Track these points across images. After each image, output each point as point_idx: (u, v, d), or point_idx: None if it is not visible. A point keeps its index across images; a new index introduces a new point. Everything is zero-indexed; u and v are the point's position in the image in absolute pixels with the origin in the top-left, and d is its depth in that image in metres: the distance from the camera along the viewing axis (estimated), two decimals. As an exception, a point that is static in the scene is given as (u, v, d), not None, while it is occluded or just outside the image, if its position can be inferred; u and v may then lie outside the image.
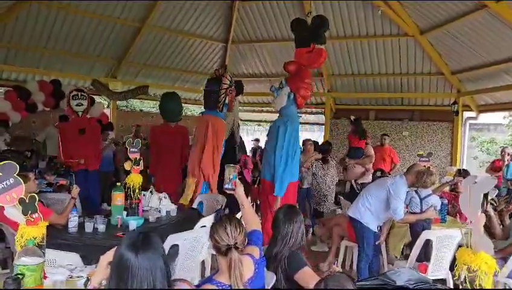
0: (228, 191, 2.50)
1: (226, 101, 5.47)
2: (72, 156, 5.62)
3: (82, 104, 5.74)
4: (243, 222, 2.23)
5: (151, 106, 15.71)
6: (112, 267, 1.56)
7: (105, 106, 10.50)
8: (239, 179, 2.56)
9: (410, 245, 4.57)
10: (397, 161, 8.08)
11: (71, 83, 8.91)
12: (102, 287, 1.69)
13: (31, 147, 7.57)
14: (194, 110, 17.51)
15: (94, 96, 8.04)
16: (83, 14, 7.97)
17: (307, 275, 2.42)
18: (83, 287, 1.73)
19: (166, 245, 3.27)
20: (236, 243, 2.02)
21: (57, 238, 3.23)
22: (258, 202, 6.06)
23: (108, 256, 1.67)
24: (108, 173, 7.28)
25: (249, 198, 4.82)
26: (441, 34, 7.78)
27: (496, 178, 2.55)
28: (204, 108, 5.70)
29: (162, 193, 4.63)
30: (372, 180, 5.69)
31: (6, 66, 8.19)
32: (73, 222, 3.42)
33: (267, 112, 12.27)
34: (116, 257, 1.54)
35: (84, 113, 5.82)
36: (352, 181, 6.34)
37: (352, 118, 7.27)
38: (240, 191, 2.48)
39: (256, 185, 6.66)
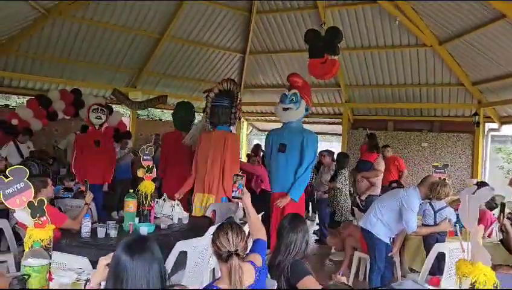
0: (235, 200, 2.53)
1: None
2: (87, 167, 5.80)
3: (100, 118, 6.02)
4: (245, 229, 2.24)
5: (170, 115, 15.94)
6: (109, 269, 1.61)
7: (126, 115, 10.74)
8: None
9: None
10: (403, 167, 7.89)
11: (93, 92, 9.18)
12: (101, 288, 1.74)
13: (53, 154, 7.81)
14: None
15: (113, 105, 8.26)
16: (105, 26, 8.24)
17: (309, 284, 2.42)
18: (82, 288, 1.78)
19: (175, 251, 3.31)
20: (237, 249, 2.03)
21: (70, 242, 3.33)
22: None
23: (107, 258, 1.72)
24: (126, 181, 7.41)
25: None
26: (460, 44, 7.68)
27: (494, 189, 2.50)
28: (213, 122, 5.39)
29: (174, 200, 4.70)
30: (383, 192, 5.63)
31: (31, 76, 8.51)
32: (86, 227, 3.50)
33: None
34: (114, 259, 1.59)
35: (101, 127, 6.09)
36: (357, 198, 6.27)
37: (368, 132, 7.23)
38: (246, 200, 2.50)
39: None
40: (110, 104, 8.37)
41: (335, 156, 7.11)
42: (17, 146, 6.58)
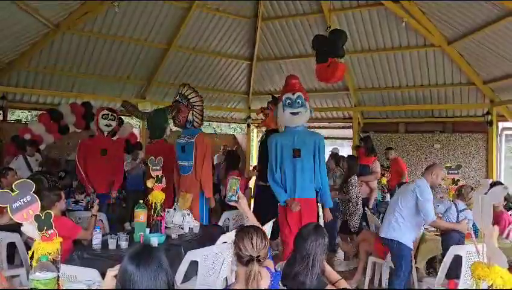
0: (231, 204, 2.50)
1: None
2: (89, 176, 5.47)
3: (110, 125, 5.73)
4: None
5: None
6: (117, 279, 1.60)
7: (136, 126, 10.80)
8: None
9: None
10: (404, 168, 7.71)
11: (103, 105, 9.25)
12: None
13: (64, 167, 7.86)
14: (221, 127, 17.70)
15: (122, 117, 8.29)
16: (112, 39, 8.34)
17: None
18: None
19: (186, 261, 3.29)
20: (259, 255, 2.01)
21: (81, 254, 3.34)
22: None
23: (114, 269, 1.71)
24: (138, 192, 7.41)
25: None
26: (469, 44, 7.58)
27: (507, 188, 2.43)
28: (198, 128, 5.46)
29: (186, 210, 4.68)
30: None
31: (42, 91, 8.64)
32: (96, 239, 3.51)
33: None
34: (121, 269, 1.58)
35: (110, 134, 5.81)
36: (365, 208, 6.14)
37: (362, 135, 7.20)
38: (243, 203, 2.47)
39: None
40: (121, 116, 8.41)
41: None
42: (26, 159, 6.64)
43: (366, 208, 6.07)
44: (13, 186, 1.91)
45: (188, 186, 5.11)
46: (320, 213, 5.10)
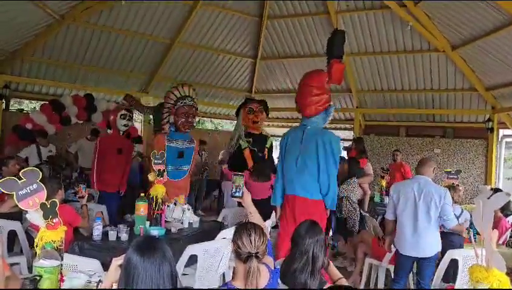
0: (236, 200, 2.52)
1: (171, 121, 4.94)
2: (103, 173, 5.42)
3: (127, 125, 5.67)
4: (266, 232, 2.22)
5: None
6: (121, 269, 1.63)
7: (138, 120, 10.81)
8: None
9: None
10: (409, 175, 7.73)
11: (105, 98, 9.28)
12: (113, 289, 1.75)
13: (65, 158, 7.87)
14: (222, 125, 17.67)
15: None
16: (117, 32, 8.34)
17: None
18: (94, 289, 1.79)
19: (185, 255, 3.31)
20: (257, 252, 2.03)
21: (82, 245, 3.37)
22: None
23: (119, 259, 1.73)
24: (134, 185, 7.38)
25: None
26: (473, 50, 7.60)
27: (510, 194, 2.45)
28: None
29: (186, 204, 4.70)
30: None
31: (45, 81, 8.63)
32: (97, 231, 3.53)
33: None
34: (125, 260, 1.60)
35: (125, 134, 5.81)
36: (361, 211, 6.12)
37: (355, 136, 7.24)
38: (247, 199, 2.49)
39: None
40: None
41: None
42: (38, 149, 6.63)
43: (361, 211, 6.09)
44: (20, 174, 1.93)
45: (178, 190, 4.81)
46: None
